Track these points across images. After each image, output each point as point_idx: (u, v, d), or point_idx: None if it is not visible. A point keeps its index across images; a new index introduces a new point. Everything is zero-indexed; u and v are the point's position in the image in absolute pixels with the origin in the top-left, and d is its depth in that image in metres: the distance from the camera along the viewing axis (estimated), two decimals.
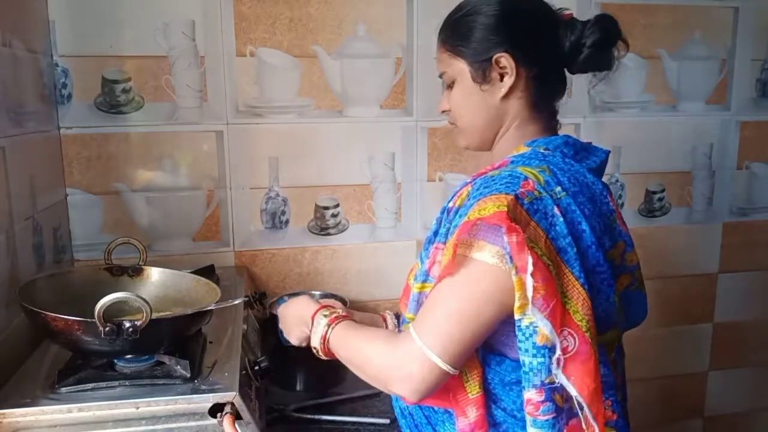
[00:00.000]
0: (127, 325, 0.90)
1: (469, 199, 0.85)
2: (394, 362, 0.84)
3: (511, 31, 0.91)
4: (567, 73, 0.97)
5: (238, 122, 1.55)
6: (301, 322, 1.02)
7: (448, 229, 0.87)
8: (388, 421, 1.26)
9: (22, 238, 1.19)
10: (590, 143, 0.97)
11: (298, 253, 1.66)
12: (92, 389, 0.94)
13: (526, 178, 0.83)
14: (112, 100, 1.47)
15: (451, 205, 0.90)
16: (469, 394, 0.87)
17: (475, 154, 1.72)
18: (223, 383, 0.96)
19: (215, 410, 0.93)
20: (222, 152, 1.56)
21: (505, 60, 0.90)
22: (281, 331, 1.09)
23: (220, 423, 0.92)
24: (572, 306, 0.80)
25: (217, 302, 1.03)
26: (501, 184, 0.83)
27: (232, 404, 0.93)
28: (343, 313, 0.98)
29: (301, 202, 1.63)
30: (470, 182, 0.90)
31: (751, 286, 2.00)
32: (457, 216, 0.86)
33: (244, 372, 1.03)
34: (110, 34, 1.45)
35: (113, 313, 0.90)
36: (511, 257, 0.76)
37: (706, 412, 2.05)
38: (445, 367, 0.80)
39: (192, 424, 0.92)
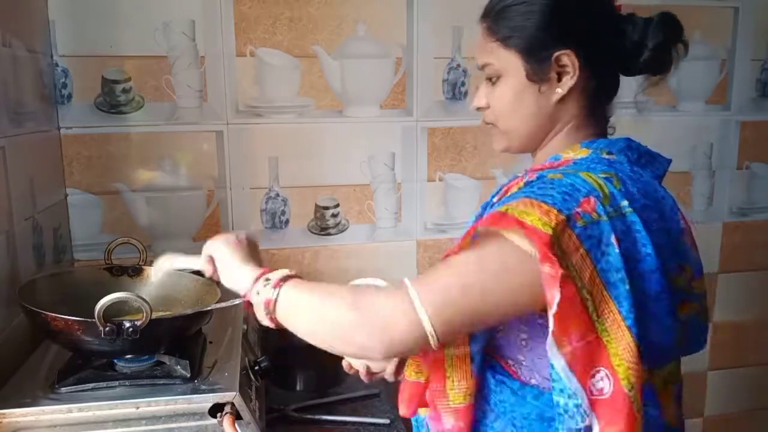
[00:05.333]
0: (127, 325, 0.90)
1: (517, 193, 0.77)
2: (373, 307, 0.73)
3: (574, 24, 0.81)
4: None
5: (238, 122, 1.55)
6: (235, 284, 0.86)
7: None
8: (388, 421, 1.26)
9: (22, 238, 1.19)
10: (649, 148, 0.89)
11: (298, 253, 1.65)
12: (92, 389, 0.94)
13: (588, 194, 0.72)
14: (112, 100, 1.47)
15: (495, 200, 0.85)
16: (451, 402, 0.81)
17: (477, 154, 1.73)
18: (223, 383, 0.96)
19: (215, 410, 0.93)
20: (222, 152, 1.56)
21: (568, 58, 0.80)
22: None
23: (220, 423, 0.92)
24: (613, 347, 0.71)
25: (217, 302, 1.03)
26: (558, 193, 0.72)
27: (232, 404, 0.93)
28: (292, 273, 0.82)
29: (301, 202, 1.63)
30: (521, 176, 0.84)
31: (751, 286, 1.99)
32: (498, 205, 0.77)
33: (244, 372, 1.03)
34: (110, 34, 1.45)
35: (113, 313, 0.90)
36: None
37: (706, 412, 2.05)
38: (429, 330, 0.69)
39: (192, 424, 0.92)
